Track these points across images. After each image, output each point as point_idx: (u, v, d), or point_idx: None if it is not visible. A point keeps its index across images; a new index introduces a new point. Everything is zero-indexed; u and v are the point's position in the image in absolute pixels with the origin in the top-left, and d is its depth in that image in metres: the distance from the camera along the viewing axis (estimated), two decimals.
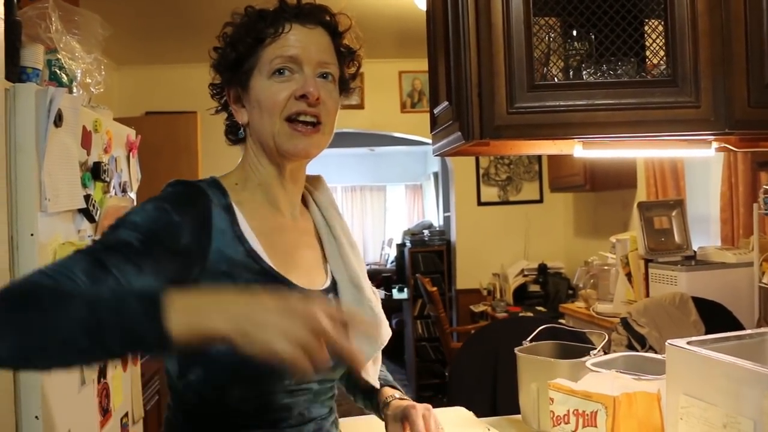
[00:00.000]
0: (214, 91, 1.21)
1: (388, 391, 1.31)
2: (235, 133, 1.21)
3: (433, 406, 1.75)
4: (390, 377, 1.39)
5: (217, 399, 1.07)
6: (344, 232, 1.25)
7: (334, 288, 1.21)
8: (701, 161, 3.62)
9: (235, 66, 1.13)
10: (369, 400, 1.35)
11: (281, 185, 1.18)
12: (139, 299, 0.79)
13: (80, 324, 0.76)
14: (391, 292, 6.96)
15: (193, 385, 1.07)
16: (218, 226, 1.06)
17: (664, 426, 1.18)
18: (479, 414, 1.75)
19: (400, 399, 1.28)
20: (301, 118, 1.10)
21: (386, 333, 1.24)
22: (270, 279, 1.08)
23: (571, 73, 1.33)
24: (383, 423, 1.31)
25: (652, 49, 1.31)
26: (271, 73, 1.10)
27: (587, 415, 1.13)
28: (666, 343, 1.21)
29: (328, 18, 1.16)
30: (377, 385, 1.33)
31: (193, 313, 0.77)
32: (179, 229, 1.01)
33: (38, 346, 0.76)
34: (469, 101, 1.25)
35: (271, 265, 1.09)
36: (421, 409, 1.21)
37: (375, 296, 1.24)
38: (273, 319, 0.77)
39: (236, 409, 1.08)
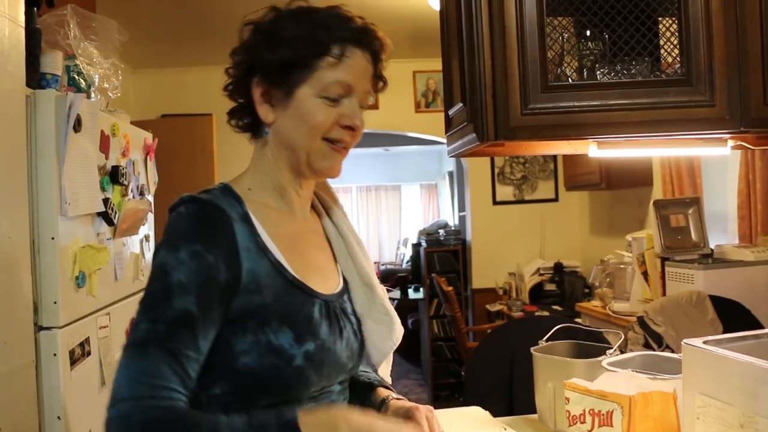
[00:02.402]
0: (236, 74, 1.14)
1: (383, 392, 1.27)
2: (255, 128, 1.16)
3: (449, 406, 1.76)
4: (384, 379, 1.34)
5: (243, 409, 1.03)
6: (350, 231, 1.26)
7: (346, 288, 1.21)
8: (718, 158, 3.59)
9: (284, 67, 1.08)
10: (360, 400, 1.29)
11: (296, 191, 1.18)
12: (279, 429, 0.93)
13: None
14: (406, 292, 6.96)
15: (219, 397, 1.04)
16: (243, 244, 1.05)
17: (681, 426, 1.18)
18: (495, 413, 1.75)
19: (397, 399, 1.24)
20: (338, 143, 1.11)
21: (399, 331, 1.24)
22: (295, 289, 1.09)
23: (585, 73, 1.33)
24: None
25: (666, 48, 1.31)
26: (323, 93, 1.08)
27: (603, 414, 1.13)
28: (682, 343, 1.20)
29: (377, 43, 1.14)
30: (389, 381, 1.32)
31: None
32: (217, 271, 1.01)
33: None
34: (484, 103, 1.26)
35: (295, 275, 1.09)
36: (424, 410, 1.18)
37: (384, 293, 1.25)
38: None
39: None
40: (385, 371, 1.31)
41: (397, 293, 7.12)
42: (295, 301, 1.07)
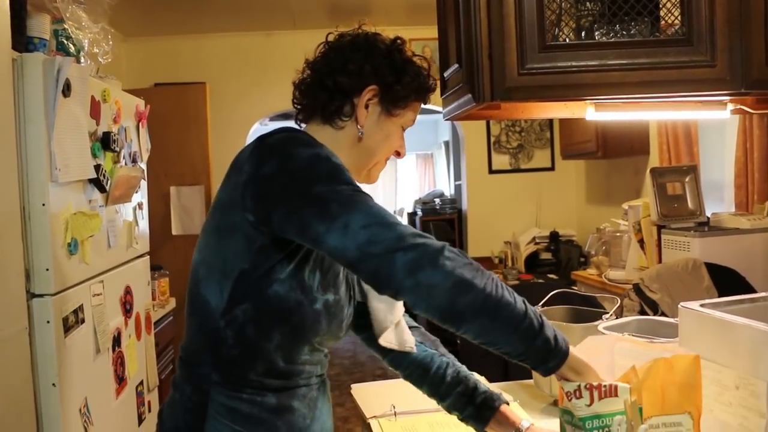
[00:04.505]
0: (352, 69, 1.19)
1: (514, 416, 1.31)
2: (330, 113, 1.20)
3: None
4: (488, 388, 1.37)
5: (256, 340, 1.10)
6: None
7: None
8: (716, 126, 3.57)
9: (404, 96, 1.21)
10: (474, 412, 1.33)
11: None
12: (551, 335, 1.04)
13: (516, 315, 1.02)
14: None
15: (238, 320, 1.09)
16: None
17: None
18: (491, 379, 1.76)
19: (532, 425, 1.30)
20: None
21: (399, 310, 1.38)
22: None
23: (583, 33, 1.31)
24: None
25: (667, 7, 1.28)
26: (404, 125, 1.26)
27: (604, 386, 1.08)
28: (679, 306, 1.20)
29: None
30: (411, 345, 1.38)
31: (573, 371, 1.05)
32: None
33: (487, 309, 1.00)
34: (480, 63, 1.23)
35: None
36: None
37: None
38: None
39: (267, 358, 1.11)
40: (395, 339, 1.38)
41: None
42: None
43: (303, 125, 1.26)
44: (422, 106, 1.28)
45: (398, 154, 1.28)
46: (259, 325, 1.10)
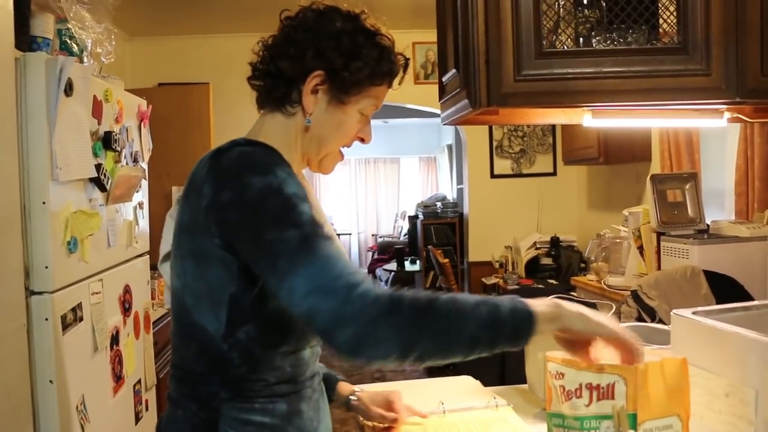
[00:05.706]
0: (295, 53, 1.14)
1: (348, 387, 1.45)
2: (279, 100, 1.17)
3: (441, 376, 1.77)
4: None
5: (263, 355, 1.09)
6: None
7: None
8: (717, 134, 3.57)
9: (355, 82, 1.14)
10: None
11: (296, 168, 1.20)
12: (513, 317, 0.99)
13: (469, 338, 0.97)
14: (403, 264, 6.97)
15: (242, 342, 1.07)
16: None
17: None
18: (487, 384, 1.76)
19: (361, 391, 1.43)
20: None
21: None
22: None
23: (581, 40, 1.31)
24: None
25: (664, 16, 1.28)
26: (362, 111, 1.18)
27: (602, 387, 1.09)
28: (671, 313, 1.21)
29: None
30: None
31: (550, 322, 1.01)
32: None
33: (439, 351, 0.98)
34: (477, 68, 1.24)
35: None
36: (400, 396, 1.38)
37: None
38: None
39: (276, 367, 1.10)
40: None
41: (393, 265, 7.14)
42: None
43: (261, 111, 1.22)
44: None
45: (362, 141, 1.22)
46: (264, 341, 1.08)
